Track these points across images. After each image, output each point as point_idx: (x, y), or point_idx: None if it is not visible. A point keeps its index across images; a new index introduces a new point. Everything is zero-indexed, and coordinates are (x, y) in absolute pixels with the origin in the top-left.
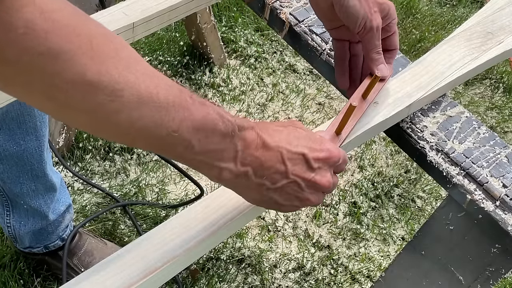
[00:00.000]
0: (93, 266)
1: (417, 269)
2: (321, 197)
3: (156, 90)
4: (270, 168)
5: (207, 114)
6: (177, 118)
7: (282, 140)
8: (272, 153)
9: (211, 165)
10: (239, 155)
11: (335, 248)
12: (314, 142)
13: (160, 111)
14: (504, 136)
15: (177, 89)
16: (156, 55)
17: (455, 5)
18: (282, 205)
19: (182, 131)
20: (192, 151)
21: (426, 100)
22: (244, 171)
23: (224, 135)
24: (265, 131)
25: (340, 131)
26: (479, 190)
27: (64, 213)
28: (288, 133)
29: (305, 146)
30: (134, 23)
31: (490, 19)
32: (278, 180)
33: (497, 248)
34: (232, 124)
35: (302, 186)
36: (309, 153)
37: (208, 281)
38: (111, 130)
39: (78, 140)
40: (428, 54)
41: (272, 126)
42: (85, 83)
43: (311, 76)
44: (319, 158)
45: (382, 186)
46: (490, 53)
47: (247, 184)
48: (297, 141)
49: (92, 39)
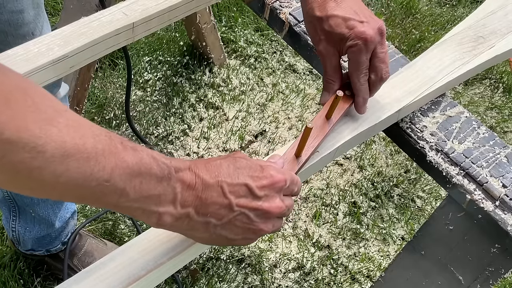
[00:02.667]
0: (75, 275)
1: (417, 269)
2: (278, 223)
3: (83, 141)
4: (213, 204)
5: (140, 159)
6: (108, 167)
7: (221, 174)
8: (213, 189)
9: (150, 211)
10: (178, 197)
11: (335, 248)
12: (256, 170)
13: (88, 161)
14: (503, 136)
15: (106, 137)
16: (156, 55)
17: (455, 5)
18: (234, 240)
19: (115, 179)
20: (128, 199)
21: (416, 105)
22: (185, 213)
23: (160, 179)
24: (203, 168)
25: (299, 154)
26: (479, 190)
27: (68, 219)
28: (228, 165)
29: (247, 175)
30: (134, 23)
31: (482, 23)
32: (224, 215)
33: (496, 248)
34: (168, 166)
35: (251, 217)
36: (252, 182)
37: (208, 281)
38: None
39: None
40: (419, 59)
41: (210, 162)
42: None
43: (311, 76)
44: (263, 186)
45: (382, 186)
46: (481, 58)
47: (191, 225)
48: (238, 172)
49: (9, 96)
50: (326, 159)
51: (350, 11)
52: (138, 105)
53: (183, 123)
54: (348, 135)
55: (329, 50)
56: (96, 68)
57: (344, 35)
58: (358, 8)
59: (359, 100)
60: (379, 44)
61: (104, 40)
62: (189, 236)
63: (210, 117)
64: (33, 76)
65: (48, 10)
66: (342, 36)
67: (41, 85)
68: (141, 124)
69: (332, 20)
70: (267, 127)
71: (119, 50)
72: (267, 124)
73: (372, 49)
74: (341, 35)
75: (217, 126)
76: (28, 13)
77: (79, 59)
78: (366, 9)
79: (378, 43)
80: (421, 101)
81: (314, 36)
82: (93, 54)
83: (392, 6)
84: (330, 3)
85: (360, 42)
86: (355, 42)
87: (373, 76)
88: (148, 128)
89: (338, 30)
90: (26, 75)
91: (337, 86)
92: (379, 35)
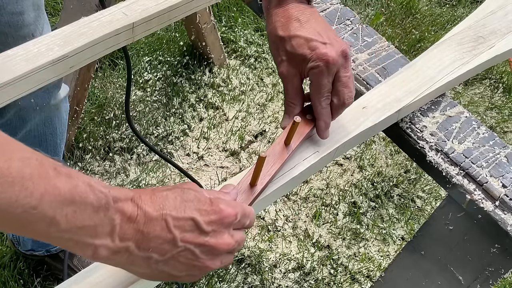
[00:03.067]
0: (75, 275)
1: (417, 269)
2: (227, 258)
3: (7, 164)
4: (156, 239)
5: (74, 186)
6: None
7: (166, 206)
8: (156, 222)
9: (84, 243)
10: (116, 229)
11: (335, 248)
12: (204, 203)
13: (12, 186)
14: (503, 136)
15: (37, 161)
16: (156, 55)
17: (455, 5)
18: (177, 277)
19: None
20: (58, 229)
21: (416, 105)
22: (124, 247)
23: (97, 209)
24: (147, 199)
25: (254, 183)
26: (479, 190)
27: None
28: (174, 197)
29: (194, 209)
30: (134, 23)
31: (482, 23)
32: (167, 250)
33: (496, 248)
34: (106, 195)
35: (196, 253)
36: (199, 216)
37: (208, 281)
38: None
39: (78, 140)
40: (419, 59)
41: (155, 193)
42: None
43: None
44: (211, 221)
45: (382, 186)
46: (481, 58)
47: (131, 260)
48: (185, 205)
49: None
50: (326, 159)
51: (314, 32)
52: (138, 105)
53: (183, 123)
54: (349, 135)
55: (291, 71)
56: (96, 68)
57: (306, 56)
58: (322, 30)
59: (321, 124)
60: (342, 67)
61: (104, 40)
62: (129, 271)
63: (210, 117)
64: (33, 76)
65: (48, 10)
66: (303, 57)
67: (41, 85)
68: (141, 124)
69: (294, 40)
70: (267, 127)
71: (119, 50)
72: (267, 124)
73: (334, 72)
74: (302, 56)
75: (217, 126)
76: (29, 14)
77: (79, 59)
78: (332, 31)
79: (341, 66)
80: (421, 101)
81: (276, 56)
82: (93, 54)
83: (392, 6)
84: (294, 23)
85: (322, 64)
86: (316, 63)
87: (335, 100)
88: (148, 128)
89: (300, 51)
90: (26, 75)
91: (298, 110)
92: (343, 58)
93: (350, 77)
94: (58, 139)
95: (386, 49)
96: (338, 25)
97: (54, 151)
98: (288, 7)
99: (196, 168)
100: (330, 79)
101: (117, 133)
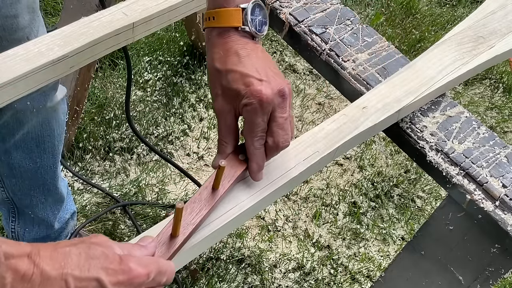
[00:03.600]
0: None
1: (417, 269)
2: None
3: None
4: None
5: None
6: None
7: (68, 264)
8: (55, 282)
9: None
10: None
11: (335, 248)
12: (113, 261)
13: None
14: (503, 136)
15: None
16: (156, 55)
17: (455, 5)
18: None
19: None
20: None
21: (416, 105)
22: None
23: None
24: (46, 256)
25: (176, 234)
26: (479, 190)
27: (68, 220)
28: (79, 253)
29: (100, 268)
30: (134, 23)
31: (482, 23)
32: None
33: (496, 248)
34: None
35: None
36: (105, 276)
37: (208, 281)
38: None
39: (78, 140)
40: (419, 59)
41: (56, 248)
42: None
43: (311, 76)
44: (118, 281)
45: (382, 186)
46: (481, 58)
47: None
48: (89, 262)
49: None
50: (326, 159)
51: (251, 68)
52: (138, 105)
53: (183, 123)
54: (348, 135)
55: (225, 107)
56: (96, 68)
57: (240, 92)
58: (261, 67)
59: (253, 166)
60: (279, 107)
61: (104, 40)
62: None
63: (210, 117)
64: (33, 76)
65: (48, 10)
66: (238, 93)
67: (41, 85)
68: (141, 124)
69: (230, 75)
70: None
71: (119, 50)
72: None
73: (269, 111)
74: (237, 91)
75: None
76: (23, 17)
77: (79, 59)
78: (273, 69)
79: (277, 106)
80: (421, 101)
81: (213, 89)
82: (93, 54)
83: (392, 6)
84: (232, 58)
85: (255, 101)
86: (249, 100)
87: (270, 142)
88: (148, 128)
89: (234, 86)
90: (26, 75)
91: (230, 149)
92: (279, 97)
93: (287, 118)
94: (56, 140)
95: (386, 49)
96: (338, 25)
97: (52, 153)
98: (229, 40)
99: (196, 168)
100: (265, 118)
101: (117, 133)
